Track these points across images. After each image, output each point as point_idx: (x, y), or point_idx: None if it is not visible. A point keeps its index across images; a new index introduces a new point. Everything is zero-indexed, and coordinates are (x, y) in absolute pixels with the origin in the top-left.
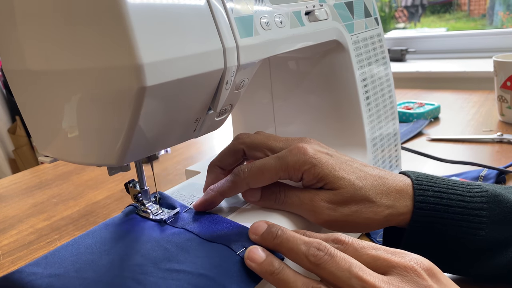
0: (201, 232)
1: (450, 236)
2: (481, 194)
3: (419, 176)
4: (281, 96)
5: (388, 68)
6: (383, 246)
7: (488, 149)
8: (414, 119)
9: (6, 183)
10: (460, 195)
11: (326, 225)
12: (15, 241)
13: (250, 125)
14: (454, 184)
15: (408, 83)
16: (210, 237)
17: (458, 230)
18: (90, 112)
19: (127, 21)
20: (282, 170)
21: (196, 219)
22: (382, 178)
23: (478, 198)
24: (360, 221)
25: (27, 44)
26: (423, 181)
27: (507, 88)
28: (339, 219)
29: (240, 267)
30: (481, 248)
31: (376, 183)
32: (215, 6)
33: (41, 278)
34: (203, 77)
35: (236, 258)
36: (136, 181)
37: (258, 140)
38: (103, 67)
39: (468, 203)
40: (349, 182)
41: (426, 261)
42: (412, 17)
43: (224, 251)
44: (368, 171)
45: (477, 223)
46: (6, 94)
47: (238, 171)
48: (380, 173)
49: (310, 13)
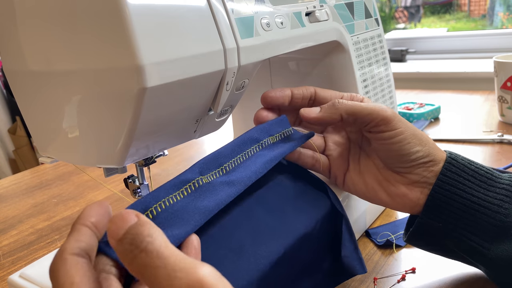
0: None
1: (474, 204)
2: (510, 175)
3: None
4: None
5: (388, 69)
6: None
7: (488, 149)
8: (414, 120)
9: (6, 183)
10: (489, 169)
11: (387, 122)
12: (15, 241)
13: (250, 125)
14: (482, 165)
15: (408, 83)
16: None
17: (483, 198)
18: (90, 113)
19: (128, 22)
20: (347, 94)
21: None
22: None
23: (507, 176)
24: (410, 133)
25: (28, 45)
26: (453, 152)
27: (507, 89)
28: (398, 119)
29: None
30: (505, 225)
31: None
32: (215, 7)
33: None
34: (204, 78)
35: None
36: (136, 176)
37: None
38: (103, 68)
39: (496, 177)
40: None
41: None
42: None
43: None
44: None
45: (503, 195)
46: (6, 94)
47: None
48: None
49: (310, 13)
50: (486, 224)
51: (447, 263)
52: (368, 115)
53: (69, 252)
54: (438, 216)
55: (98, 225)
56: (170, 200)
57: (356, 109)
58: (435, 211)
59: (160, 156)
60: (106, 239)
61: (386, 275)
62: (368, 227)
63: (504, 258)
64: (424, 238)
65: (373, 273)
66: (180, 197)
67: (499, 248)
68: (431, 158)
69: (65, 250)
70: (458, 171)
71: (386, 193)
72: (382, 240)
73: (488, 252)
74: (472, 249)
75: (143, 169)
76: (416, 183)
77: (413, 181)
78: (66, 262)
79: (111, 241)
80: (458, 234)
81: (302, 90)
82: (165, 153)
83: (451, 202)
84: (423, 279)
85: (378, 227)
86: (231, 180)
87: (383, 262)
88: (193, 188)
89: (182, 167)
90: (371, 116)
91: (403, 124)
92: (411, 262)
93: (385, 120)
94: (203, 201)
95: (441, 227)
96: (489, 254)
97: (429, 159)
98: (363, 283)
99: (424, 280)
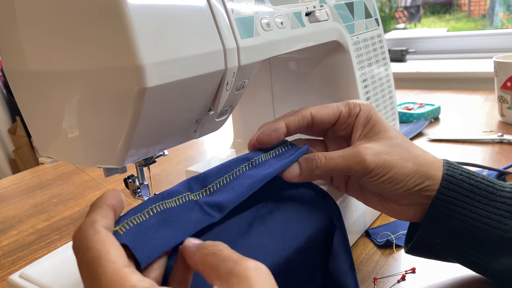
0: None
1: (473, 220)
2: (511, 187)
3: (449, 161)
4: (282, 97)
5: (388, 69)
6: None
7: (488, 149)
8: (414, 120)
9: (6, 183)
10: (490, 182)
11: (368, 172)
12: (15, 241)
13: (250, 126)
14: (483, 176)
15: (408, 83)
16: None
17: (482, 214)
18: (90, 113)
19: (128, 22)
20: (342, 105)
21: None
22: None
23: (508, 188)
24: (399, 170)
25: (28, 45)
26: (453, 164)
27: (507, 89)
28: (380, 164)
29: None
30: (505, 241)
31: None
32: (215, 7)
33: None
34: (204, 78)
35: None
36: (136, 176)
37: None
38: (103, 68)
39: (497, 190)
40: (392, 134)
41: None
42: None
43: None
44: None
45: (503, 211)
46: (6, 94)
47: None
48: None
49: (310, 13)
50: (485, 241)
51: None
52: (347, 171)
53: (101, 224)
54: (436, 232)
55: (116, 209)
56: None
57: (332, 167)
58: (434, 227)
59: (160, 156)
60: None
61: (386, 275)
62: (368, 227)
63: (505, 273)
64: (424, 251)
65: (373, 273)
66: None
67: (500, 263)
68: (423, 186)
69: (97, 222)
70: (456, 188)
71: (383, 206)
72: (382, 240)
73: (488, 266)
74: (472, 263)
75: (143, 169)
76: (410, 205)
77: (406, 204)
78: (100, 233)
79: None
80: (458, 249)
81: (297, 120)
82: (165, 153)
83: (449, 219)
84: (423, 279)
85: (378, 227)
86: (214, 202)
87: (383, 262)
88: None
89: (182, 167)
90: (350, 171)
91: (385, 168)
92: (411, 262)
93: (365, 171)
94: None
95: (439, 242)
96: (489, 269)
97: (420, 187)
98: (363, 283)
99: (424, 280)
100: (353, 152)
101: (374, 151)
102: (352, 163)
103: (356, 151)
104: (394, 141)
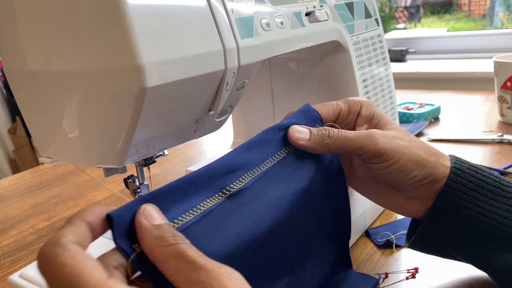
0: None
1: (479, 214)
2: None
3: (456, 156)
4: (282, 96)
5: (388, 69)
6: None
7: (488, 149)
8: (414, 120)
9: (6, 183)
10: (497, 177)
11: (379, 155)
12: (15, 241)
13: (250, 125)
14: (490, 171)
15: (408, 83)
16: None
17: (489, 209)
18: (90, 113)
19: (128, 22)
20: (342, 103)
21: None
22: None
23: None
24: (410, 158)
25: (28, 45)
26: (460, 158)
27: (507, 89)
28: (393, 149)
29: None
30: (510, 236)
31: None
32: (215, 7)
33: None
34: (204, 78)
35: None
36: (136, 176)
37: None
38: (103, 68)
39: (504, 185)
40: (398, 127)
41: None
42: (412, 17)
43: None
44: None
45: (510, 206)
46: (6, 94)
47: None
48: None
49: (310, 13)
50: (490, 235)
51: (447, 263)
52: (358, 149)
53: (69, 240)
54: (441, 224)
55: (94, 227)
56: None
57: (345, 145)
58: (439, 219)
59: (160, 156)
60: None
61: None
62: (368, 227)
63: (508, 269)
64: (427, 245)
65: (373, 273)
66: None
67: (503, 258)
68: (432, 178)
69: (64, 237)
70: (463, 181)
71: (387, 200)
72: (382, 240)
73: (491, 261)
74: (474, 258)
75: (143, 169)
76: (415, 198)
77: (412, 197)
78: (70, 249)
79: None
80: (461, 243)
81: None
82: (165, 153)
83: (455, 212)
84: (423, 279)
85: (378, 227)
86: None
87: (383, 262)
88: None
89: (182, 167)
90: (361, 150)
91: (397, 153)
92: (411, 262)
93: (376, 153)
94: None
95: (443, 235)
96: (491, 264)
97: (429, 180)
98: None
99: (424, 280)
100: (367, 133)
101: (387, 136)
102: (365, 143)
103: (370, 132)
104: (403, 131)
